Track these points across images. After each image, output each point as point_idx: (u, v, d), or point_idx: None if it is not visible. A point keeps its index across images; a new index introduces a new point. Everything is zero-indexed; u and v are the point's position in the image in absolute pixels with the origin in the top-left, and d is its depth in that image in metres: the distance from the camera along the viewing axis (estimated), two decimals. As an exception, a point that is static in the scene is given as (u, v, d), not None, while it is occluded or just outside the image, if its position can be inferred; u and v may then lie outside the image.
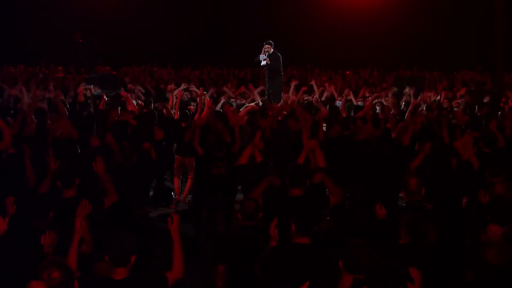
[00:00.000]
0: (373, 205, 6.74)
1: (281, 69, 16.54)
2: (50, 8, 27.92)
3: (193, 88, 16.44)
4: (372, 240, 6.39)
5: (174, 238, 5.66)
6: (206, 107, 12.50)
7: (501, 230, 5.62)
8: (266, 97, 16.23)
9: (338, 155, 9.92)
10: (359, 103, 16.27)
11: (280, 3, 28.63)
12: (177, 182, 12.60)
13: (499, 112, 13.90)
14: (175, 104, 13.66)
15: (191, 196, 11.95)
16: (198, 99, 13.17)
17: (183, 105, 14.27)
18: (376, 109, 14.67)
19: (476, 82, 22.97)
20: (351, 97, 16.22)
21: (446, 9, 27.69)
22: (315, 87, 17.21)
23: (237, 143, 10.46)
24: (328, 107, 14.71)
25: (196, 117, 12.28)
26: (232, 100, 16.30)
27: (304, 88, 16.69)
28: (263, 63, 16.22)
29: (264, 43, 16.65)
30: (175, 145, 12.82)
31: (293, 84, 16.67)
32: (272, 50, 16.73)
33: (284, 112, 13.13)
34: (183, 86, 16.17)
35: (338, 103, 16.06)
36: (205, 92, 13.82)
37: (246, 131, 12.03)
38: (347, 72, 26.17)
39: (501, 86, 19.39)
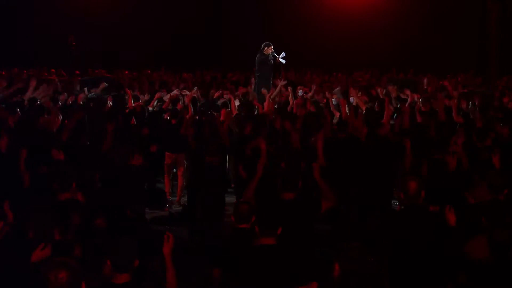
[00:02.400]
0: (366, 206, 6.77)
1: (270, 75, 16.33)
2: (43, 11, 27.91)
3: (185, 92, 16.43)
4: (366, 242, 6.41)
5: (167, 263, 5.68)
6: None
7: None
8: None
9: (335, 157, 9.93)
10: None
11: (274, 5, 28.65)
12: (168, 180, 12.64)
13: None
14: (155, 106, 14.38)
15: (185, 197, 11.99)
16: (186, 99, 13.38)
17: (173, 102, 14.29)
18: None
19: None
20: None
21: (440, 12, 27.75)
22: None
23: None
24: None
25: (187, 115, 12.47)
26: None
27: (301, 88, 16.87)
28: (283, 61, 16.04)
29: (267, 46, 16.15)
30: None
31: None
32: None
33: None
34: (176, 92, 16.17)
35: (334, 100, 16.15)
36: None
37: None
38: (339, 74, 26.20)
39: (494, 89, 19.45)
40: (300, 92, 17.21)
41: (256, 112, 13.41)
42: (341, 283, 5.16)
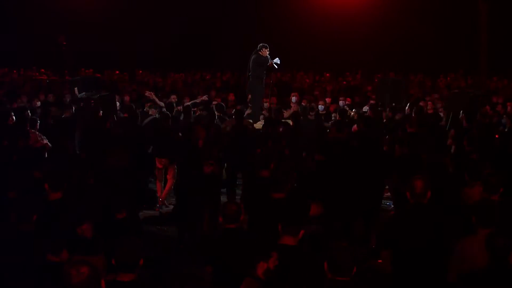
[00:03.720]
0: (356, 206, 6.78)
1: (263, 76, 16.39)
2: (34, 10, 27.87)
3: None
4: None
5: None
6: None
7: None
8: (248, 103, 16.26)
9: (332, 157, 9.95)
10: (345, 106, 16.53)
11: (265, 5, 28.68)
12: (159, 186, 12.60)
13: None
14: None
15: (174, 198, 11.98)
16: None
17: (169, 107, 14.29)
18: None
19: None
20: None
21: (431, 13, 27.85)
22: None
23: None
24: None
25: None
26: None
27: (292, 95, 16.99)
28: (276, 66, 16.15)
29: (265, 48, 16.21)
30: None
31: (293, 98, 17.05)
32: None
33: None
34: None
35: (321, 107, 16.24)
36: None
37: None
38: (327, 74, 26.30)
39: (485, 89, 19.54)
40: (293, 99, 17.24)
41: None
42: (331, 283, 5.16)
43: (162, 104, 14.90)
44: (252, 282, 5.33)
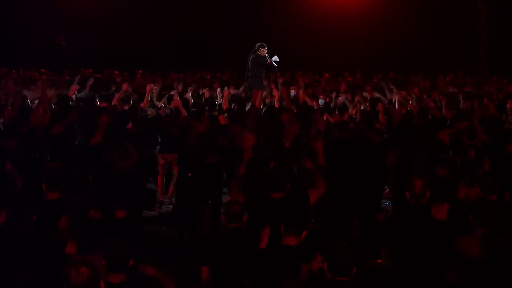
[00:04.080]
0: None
1: (263, 76, 16.40)
2: (34, 10, 27.86)
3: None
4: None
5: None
6: None
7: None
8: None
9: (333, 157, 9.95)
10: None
11: (265, 5, 28.67)
12: (161, 181, 12.57)
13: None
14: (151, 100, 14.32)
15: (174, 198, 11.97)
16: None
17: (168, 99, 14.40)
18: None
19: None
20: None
21: (431, 13, 27.85)
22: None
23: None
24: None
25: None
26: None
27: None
28: (275, 64, 16.19)
29: (263, 47, 16.25)
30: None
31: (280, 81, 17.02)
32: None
33: None
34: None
35: (321, 101, 16.23)
36: None
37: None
38: (327, 74, 26.26)
39: (485, 89, 19.53)
40: (292, 93, 17.23)
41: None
42: (331, 283, 5.16)
43: (158, 104, 14.92)
44: (294, 283, 5.33)
